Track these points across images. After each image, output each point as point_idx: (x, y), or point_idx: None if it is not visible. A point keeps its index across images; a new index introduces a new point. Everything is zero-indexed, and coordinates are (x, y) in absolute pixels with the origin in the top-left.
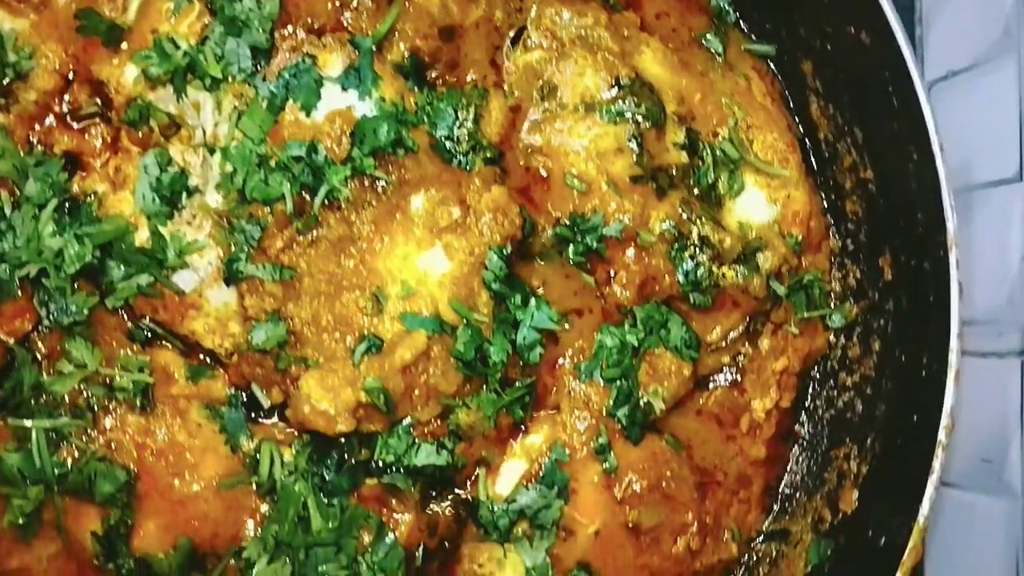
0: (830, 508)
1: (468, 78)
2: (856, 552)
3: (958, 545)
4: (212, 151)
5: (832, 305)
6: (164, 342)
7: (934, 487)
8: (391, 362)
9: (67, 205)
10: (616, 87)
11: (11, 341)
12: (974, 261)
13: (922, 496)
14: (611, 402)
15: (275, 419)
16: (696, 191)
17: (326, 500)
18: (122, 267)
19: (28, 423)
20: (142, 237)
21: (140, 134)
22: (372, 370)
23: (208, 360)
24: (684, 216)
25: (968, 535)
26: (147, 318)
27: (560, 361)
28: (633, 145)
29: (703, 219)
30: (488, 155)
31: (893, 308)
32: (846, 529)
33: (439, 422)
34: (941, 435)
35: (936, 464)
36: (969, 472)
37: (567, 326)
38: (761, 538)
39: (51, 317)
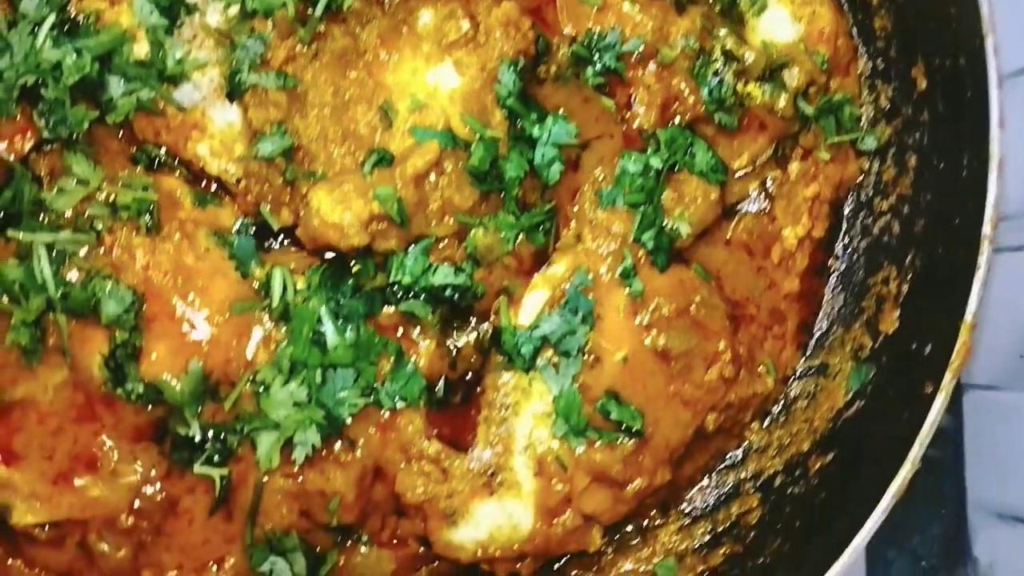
0: (870, 334)
1: None
2: (900, 367)
3: (999, 446)
4: None
5: (863, 129)
6: (169, 169)
7: (981, 283)
8: (403, 171)
9: (65, 25)
10: None
11: (11, 158)
12: (1007, 156)
13: (968, 294)
14: (635, 227)
15: (286, 247)
16: (717, 8)
17: (342, 324)
18: (122, 81)
19: (29, 236)
20: (141, 51)
21: None
22: (384, 181)
23: (215, 188)
24: (706, 31)
25: (1009, 436)
26: (150, 143)
27: (581, 190)
28: None
29: (727, 33)
30: None
31: (928, 117)
32: (888, 349)
33: (456, 246)
34: (986, 228)
35: (982, 260)
36: (1008, 372)
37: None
38: (798, 375)
39: (51, 130)
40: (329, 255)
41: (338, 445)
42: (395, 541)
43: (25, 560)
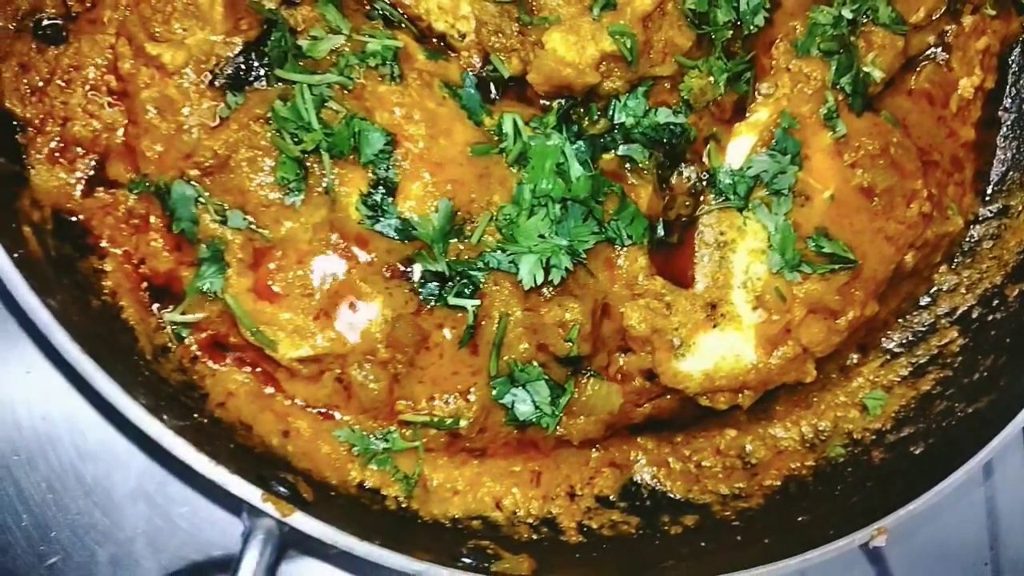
0: None
1: None
2: None
3: None
4: None
5: None
6: (399, 26)
7: None
8: (633, 11)
9: None
10: None
11: (270, 6)
12: None
13: None
14: (832, 73)
15: (507, 99)
16: None
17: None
18: None
19: (297, 76)
20: None
21: None
22: (612, 22)
23: (440, 48)
24: None
25: None
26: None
27: (775, 42)
28: None
29: None
30: None
31: None
32: None
33: (668, 92)
34: None
35: None
36: None
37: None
38: (980, 220)
39: None
40: (546, 103)
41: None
42: (620, 376)
43: (286, 394)
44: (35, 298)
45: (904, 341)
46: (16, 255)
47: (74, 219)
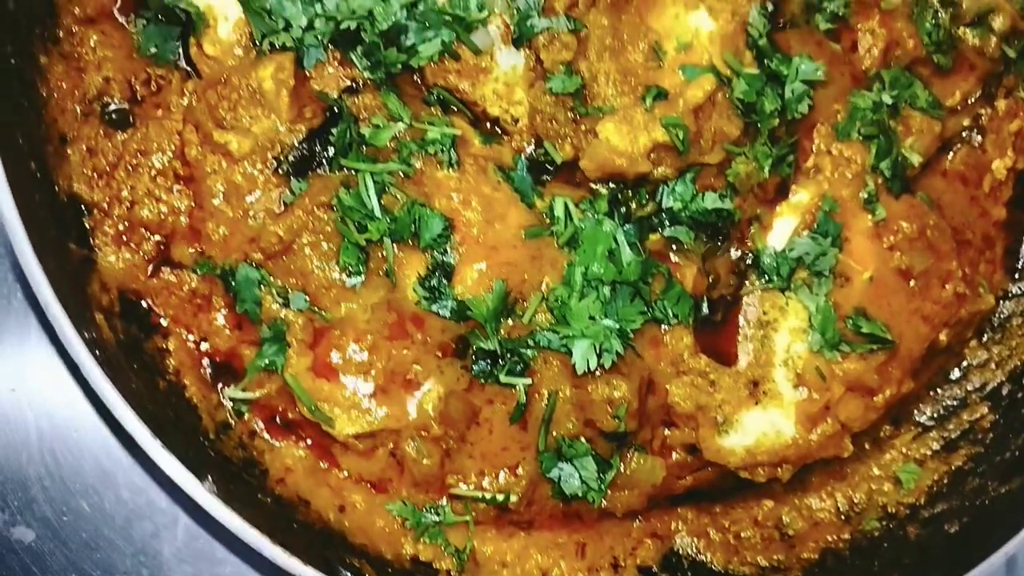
0: None
1: None
2: None
3: None
4: None
5: None
6: (454, 110)
7: None
8: (685, 101)
9: None
10: None
11: (333, 95)
12: None
13: None
14: (872, 157)
15: (557, 181)
16: None
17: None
18: (423, 28)
19: (361, 166)
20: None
21: None
22: (665, 113)
23: (493, 131)
24: None
25: None
26: (440, 86)
27: (816, 126)
28: None
29: None
30: None
31: None
32: None
33: (714, 176)
34: None
35: None
36: None
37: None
38: (1009, 296)
39: (370, 71)
40: (596, 187)
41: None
42: (663, 450)
43: (340, 468)
44: (110, 387)
45: (936, 415)
46: (89, 339)
47: (139, 300)
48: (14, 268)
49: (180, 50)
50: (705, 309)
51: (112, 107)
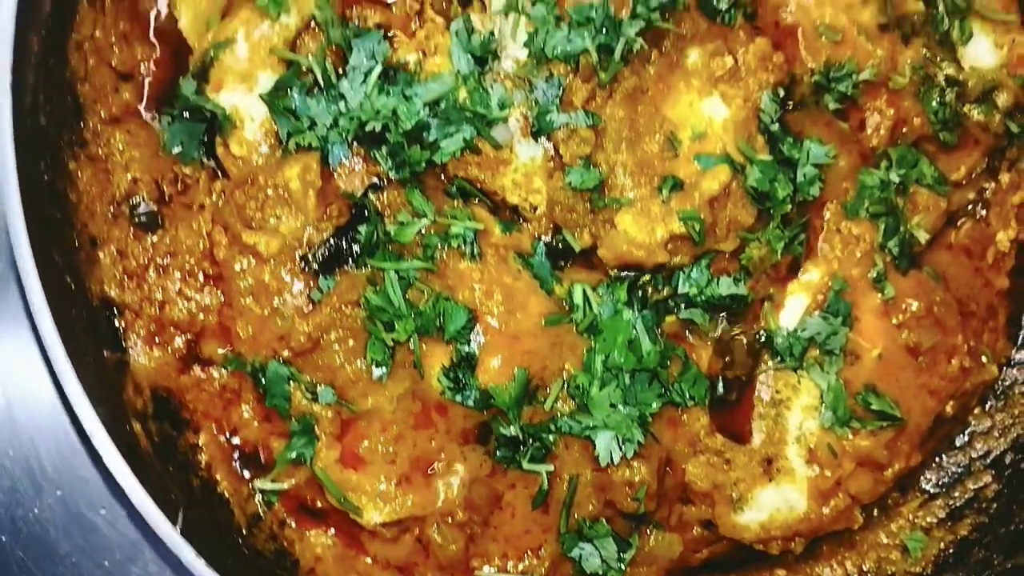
0: None
1: None
2: None
3: None
4: (507, 14)
5: None
6: (474, 199)
7: None
8: (701, 194)
9: (386, 73)
10: None
11: (358, 195)
12: None
13: None
14: (880, 235)
15: (575, 266)
16: (936, 38)
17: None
18: (445, 124)
19: (386, 265)
20: (460, 96)
21: (445, 5)
22: (681, 204)
23: (512, 217)
24: (929, 60)
25: None
26: (460, 178)
27: (826, 204)
28: None
29: (947, 61)
30: (747, 11)
31: None
32: None
33: (727, 260)
34: None
35: None
36: None
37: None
38: (1012, 364)
39: (395, 171)
40: (614, 271)
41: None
42: (680, 526)
43: (367, 554)
44: (149, 501)
45: (941, 483)
46: (127, 451)
47: (170, 397)
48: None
49: (205, 148)
50: (720, 389)
51: (141, 208)
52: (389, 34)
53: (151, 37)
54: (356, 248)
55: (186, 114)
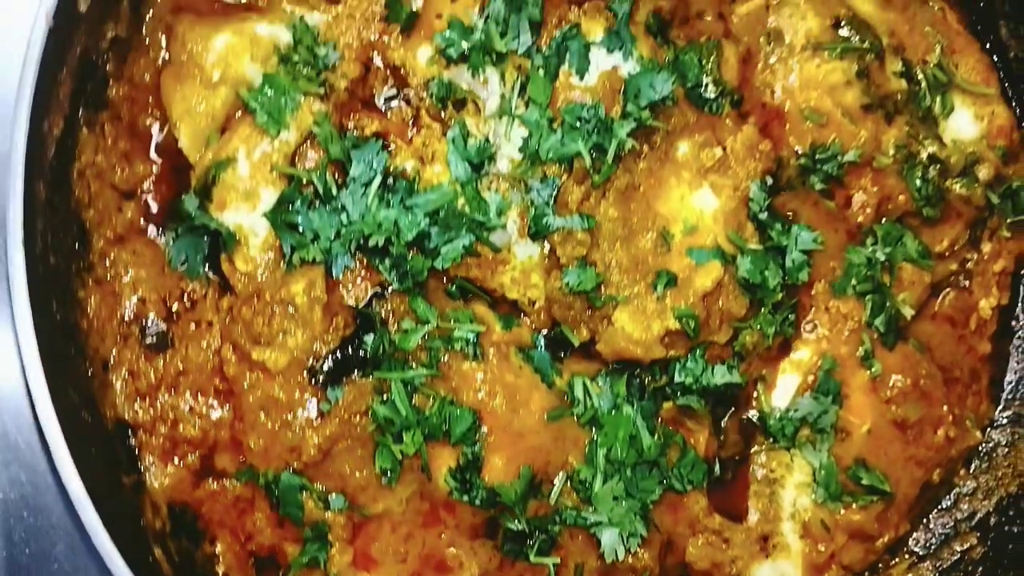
0: None
1: (701, 31)
2: None
3: None
4: (500, 118)
5: None
6: (474, 297)
7: None
8: (694, 291)
9: (386, 181)
10: (838, 26)
11: (355, 304)
12: None
13: None
14: (867, 314)
15: (575, 356)
16: (919, 114)
17: (647, 424)
18: (446, 231)
19: (391, 375)
20: (458, 204)
21: (440, 111)
22: (677, 301)
23: (511, 311)
24: (912, 138)
25: None
26: (461, 277)
27: (814, 283)
28: (861, 77)
29: (930, 139)
30: (734, 98)
31: None
32: None
33: (724, 346)
34: None
35: None
36: None
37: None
38: (995, 425)
39: (399, 282)
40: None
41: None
42: None
43: None
44: None
45: (928, 544)
46: None
47: (186, 510)
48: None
49: (209, 262)
50: (717, 470)
51: (150, 328)
52: (387, 142)
53: (151, 154)
54: (362, 354)
55: (190, 229)
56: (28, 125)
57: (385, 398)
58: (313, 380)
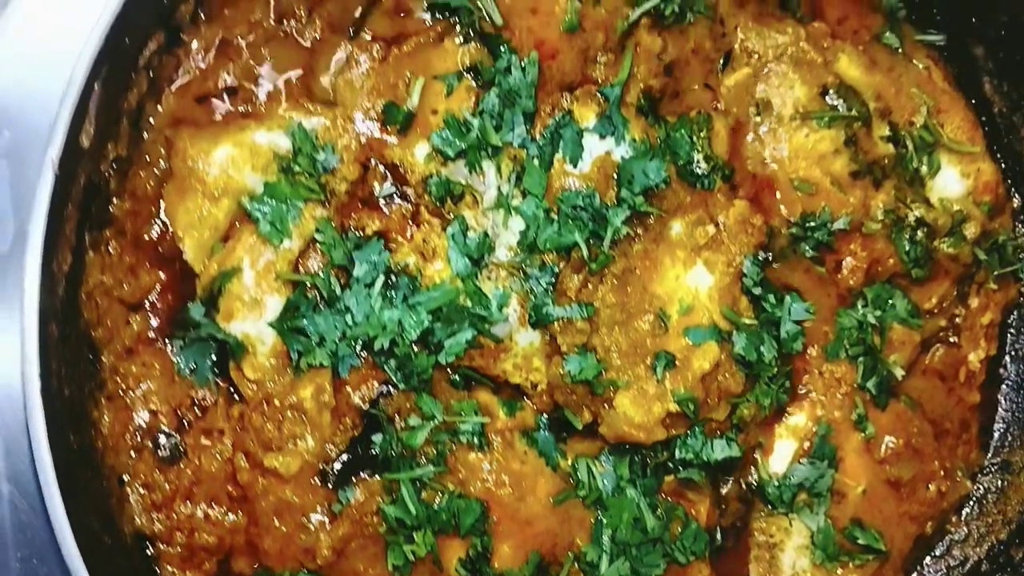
0: None
1: (690, 105)
2: None
3: None
4: (498, 210)
5: (1021, 258)
6: (477, 383)
7: None
8: (692, 373)
9: (389, 279)
10: (825, 94)
11: (362, 404)
12: None
13: None
14: (859, 376)
15: (579, 437)
16: (906, 177)
17: (649, 503)
18: (448, 326)
19: (400, 475)
20: (460, 299)
21: (439, 207)
22: (676, 383)
23: (514, 394)
24: (900, 202)
25: None
26: (464, 367)
27: (807, 347)
28: (849, 144)
29: (917, 202)
30: (725, 172)
31: None
32: None
33: (722, 421)
34: None
35: None
36: None
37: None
38: (984, 472)
39: (405, 381)
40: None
41: None
42: None
43: None
44: None
45: None
46: None
47: None
48: None
49: (217, 369)
50: (718, 538)
51: (162, 440)
52: (387, 240)
53: (156, 264)
54: (373, 451)
55: (197, 338)
56: (40, 280)
57: (395, 497)
58: (324, 482)
